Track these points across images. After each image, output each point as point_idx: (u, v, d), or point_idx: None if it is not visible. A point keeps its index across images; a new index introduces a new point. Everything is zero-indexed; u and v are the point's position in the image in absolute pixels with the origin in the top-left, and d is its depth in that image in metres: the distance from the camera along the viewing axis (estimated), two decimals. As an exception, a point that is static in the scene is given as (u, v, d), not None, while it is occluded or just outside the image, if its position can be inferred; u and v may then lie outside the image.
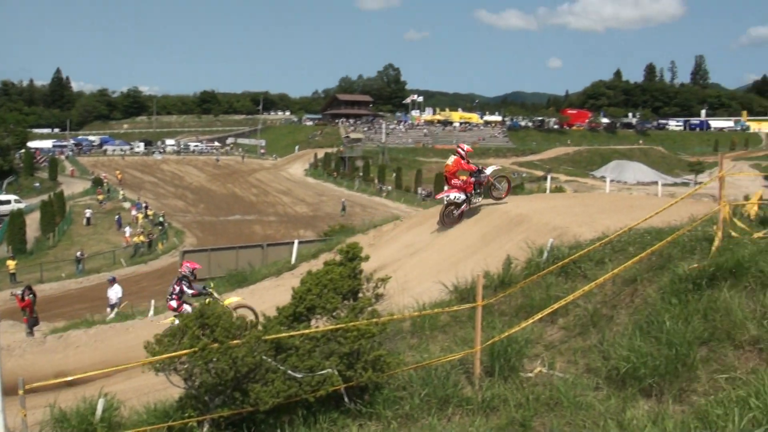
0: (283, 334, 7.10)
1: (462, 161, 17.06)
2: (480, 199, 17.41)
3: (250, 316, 14.09)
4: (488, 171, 17.65)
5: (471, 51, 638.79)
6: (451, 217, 17.51)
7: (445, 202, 17.38)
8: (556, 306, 8.59)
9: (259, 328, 7.24)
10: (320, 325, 7.70)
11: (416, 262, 16.54)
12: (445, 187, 17.59)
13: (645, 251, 9.28)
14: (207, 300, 13.47)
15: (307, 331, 7.31)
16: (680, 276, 8.54)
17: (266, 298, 17.47)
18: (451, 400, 7.25)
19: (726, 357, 6.77)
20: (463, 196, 16.99)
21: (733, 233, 9.64)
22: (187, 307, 14.80)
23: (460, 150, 17.30)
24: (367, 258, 8.48)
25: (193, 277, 15.64)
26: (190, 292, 15.27)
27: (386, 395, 7.35)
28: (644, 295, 8.92)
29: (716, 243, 9.15)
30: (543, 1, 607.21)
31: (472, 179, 17.12)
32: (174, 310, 15.18)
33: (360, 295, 7.99)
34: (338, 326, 7.26)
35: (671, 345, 6.95)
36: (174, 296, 15.26)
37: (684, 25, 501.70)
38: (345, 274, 7.83)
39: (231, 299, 15.60)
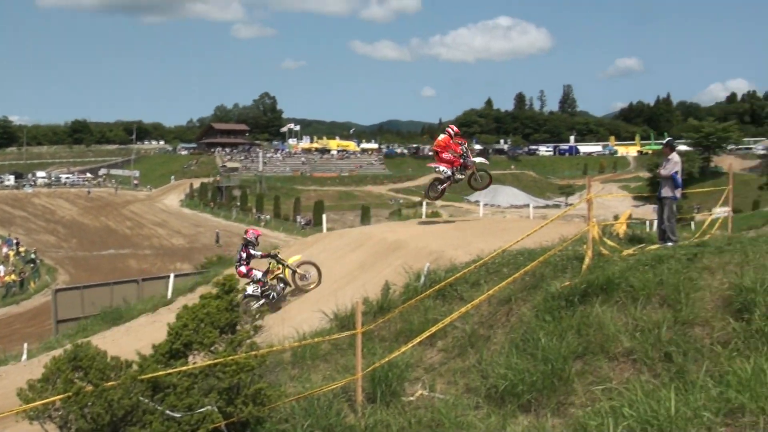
0: (160, 373, 6.86)
1: (450, 140, 17.89)
2: (462, 177, 18.07)
3: (313, 272, 15.98)
4: (476, 160, 18.44)
5: (347, 80, 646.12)
6: (435, 191, 18.29)
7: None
8: (434, 329, 8.67)
9: (134, 368, 6.95)
10: (198, 360, 7.47)
11: (296, 290, 16.37)
12: (435, 161, 18.29)
13: (519, 272, 9.55)
14: (271, 262, 15.90)
15: (184, 368, 7.08)
16: (553, 294, 8.83)
17: (142, 335, 16.78)
18: (334, 430, 7.18)
19: (601, 369, 7.03)
20: (449, 172, 17.60)
21: (603, 251, 10.07)
22: (257, 273, 15.71)
23: (449, 130, 18.15)
24: (243, 290, 8.34)
25: (257, 242, 16.28)
26: (258, 254, 15.93)
27: (268, 429, 7.21)
28: (519, 314, 9.16)
29: (587, 261, 9.53)
30: (415, 33, 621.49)
31: (461, 160, 17.83)
32: (244, 276, 15.47)
33: (238, 327, 7.81)
34: (216, 361, 7.06)
35: (547, 361, 7.15)
36: (242, 262, 15.87)
37: (552, 56, 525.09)
38: (222, 307, 7.64)
39: (294, 258, 16.55)
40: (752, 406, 4.59)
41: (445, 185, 17.83)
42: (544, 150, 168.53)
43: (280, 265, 15.85)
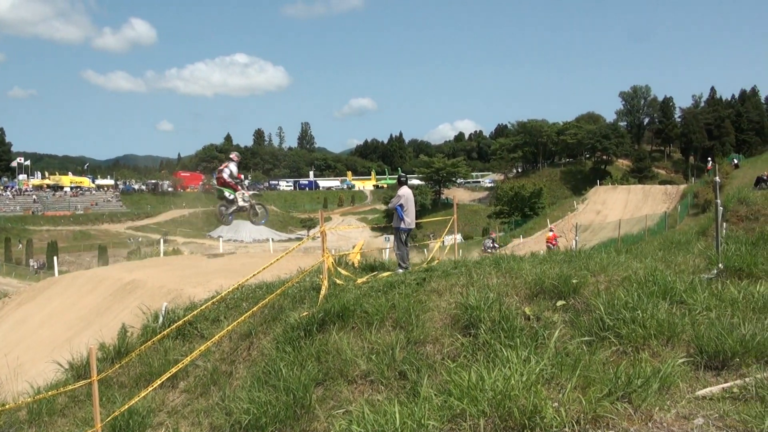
0: None
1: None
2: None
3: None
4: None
5: (80, 112, 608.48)
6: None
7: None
8: (174, 369, 8.45)
9: None
10: None
11: (30, 341, 15.14)
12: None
13: (257, 305, 9.57)
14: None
15: None
16: (292, 325, 8.96)
17: None
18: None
19: (341, 393, 7.20)
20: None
21: (338, 281, 10.39)
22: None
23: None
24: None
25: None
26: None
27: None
28: (260, 347, 9.17)
29: (323, 291, 9.79)
30: (151, 65, 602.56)
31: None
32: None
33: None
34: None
35: (289, 391, 7.20)
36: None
37: (290, 94, 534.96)
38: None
39: None
40: (473, 410, 4.95)
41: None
42: (285, 185, 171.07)
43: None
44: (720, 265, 8.69)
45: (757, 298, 7.10)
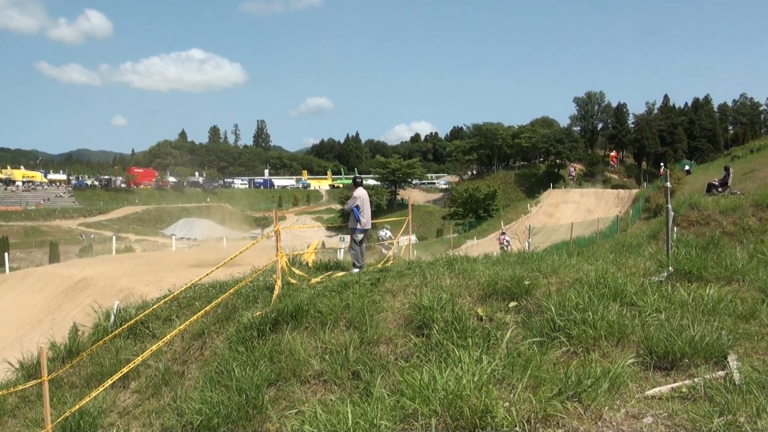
0: None
1: None
2: None
3: None
4: None
5: (33, 104, 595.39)
6: None
7: None
8: (125, 369, 8.34)
9: None
10: None
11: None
12: None
13: (210, 304, 9.49)
14: None
15: None
16: (245, 324, 8.90)
17: None
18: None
19: (294, 393, 7.16)
20: None
21: (292, 280, 10.35)
22: None
23: None
24: None
25: None
26: None
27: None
28: (213, 347, 9.09)
29: (276, 290, 9.73)
30: (106, 58, 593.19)
31: None
32: None
33: None
34: None
35: (241, 391, 7.15)
36: None
37: (246, 91, 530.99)
38: None
39: None
40: (424, 410, 4.96)
41: None
42: (240, 183, 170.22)
43: None
44: (670, 268, 8.84)
45: (706, 300, 7.23)
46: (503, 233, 41.68)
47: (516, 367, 5.65)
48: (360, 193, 13.22)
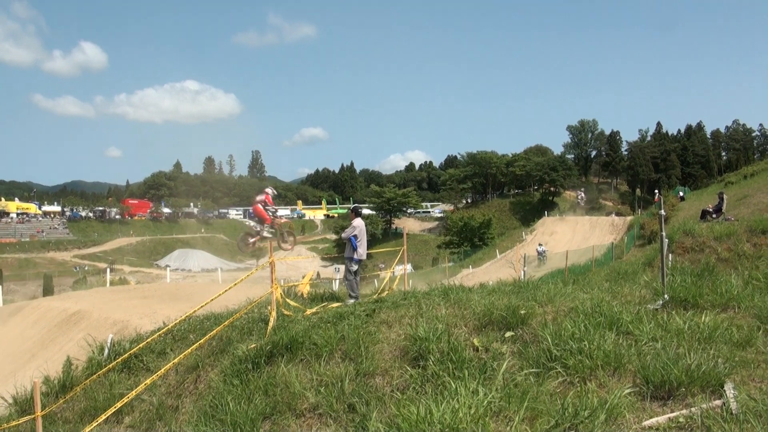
0: None
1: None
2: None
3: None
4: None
5: (28, 136, 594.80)
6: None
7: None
8: (119, 404, 8.26)
9: None
10: None
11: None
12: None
13: (205, 337, 9.43)
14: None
15: None
16: (240, 357, 8.83)
17: None
18: None
19: (289, 427, 7.09)
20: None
21: (286, 312, 10.30)
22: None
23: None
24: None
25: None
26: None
27: None
28: (207, 380, 9.02)
29: (271, 322, 9.67)
30: (100, 90, 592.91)
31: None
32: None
33: None
34: None
35: (236, 425, 7.10)
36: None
37: (241, 122, 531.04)
38: None
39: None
40: (422, 445, 4.92)
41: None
42: (235, 213, 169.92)
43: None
44: (666, 296, 8.83)
45: (702, 328, 7.21)
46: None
47: (512, 399, 5.62)
48: (358, 223, 13.21)
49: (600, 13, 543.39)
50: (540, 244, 53.41)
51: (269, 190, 19.34)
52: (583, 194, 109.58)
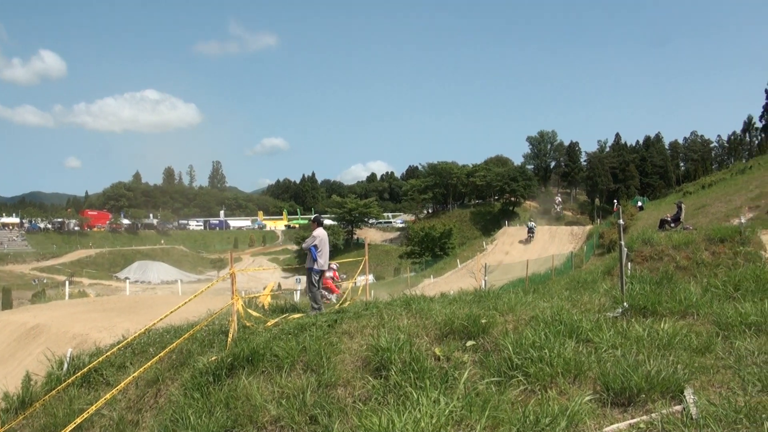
0: None
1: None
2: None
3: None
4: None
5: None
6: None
7: None
8: (79, 420, 8.14)
9: None
10: None
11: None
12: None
13: (165, 350, 9.32)
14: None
15: None
16: (201, 370, 8.74)
17: None
18: None
19: (249, 441, 7.01)
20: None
21: (247, 323, 10.21)
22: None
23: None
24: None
25: None
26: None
27: None
28: (168, 394, 8.91)
29: (231, 334, 9.58)
30: (59, 99, 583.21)
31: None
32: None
33: None
34: None
35: (196, 440, 6.99)
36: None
37: (201, 132, 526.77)
38: None
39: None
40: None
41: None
42: (195, 224, 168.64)
43: None
44: (625, 303, 8.93)
45: (661, 335, 7.30)
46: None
47: (474, 408, 5.62)
48: (319, 233, 13.16)
49: (559, 27, 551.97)
50: (530, 220, 59.67)
51: (335, 265, 20.34)
52: (559, 199, 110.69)
